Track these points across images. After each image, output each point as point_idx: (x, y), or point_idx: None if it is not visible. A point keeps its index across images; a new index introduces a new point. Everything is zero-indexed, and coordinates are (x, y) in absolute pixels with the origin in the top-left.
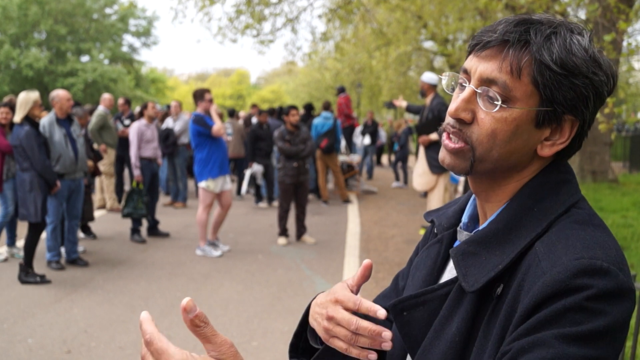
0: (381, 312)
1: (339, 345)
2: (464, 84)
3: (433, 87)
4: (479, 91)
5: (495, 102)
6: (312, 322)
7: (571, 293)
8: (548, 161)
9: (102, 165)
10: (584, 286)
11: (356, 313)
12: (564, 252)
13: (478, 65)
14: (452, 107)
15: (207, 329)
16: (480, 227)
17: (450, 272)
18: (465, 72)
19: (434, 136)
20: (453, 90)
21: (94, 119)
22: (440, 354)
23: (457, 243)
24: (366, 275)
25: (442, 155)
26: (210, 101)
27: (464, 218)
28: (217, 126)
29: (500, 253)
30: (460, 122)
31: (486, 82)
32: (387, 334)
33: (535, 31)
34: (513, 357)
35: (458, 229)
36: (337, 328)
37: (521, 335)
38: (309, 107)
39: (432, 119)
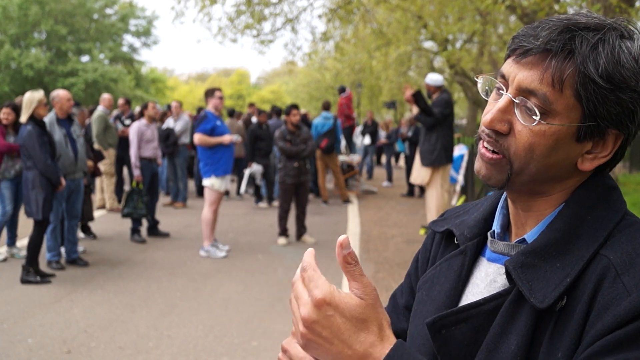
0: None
1: None
2: (501, 91)
3: (438, 87)
4: (516, 101)
5: (534, 117)
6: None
7: None
8: (590, 172)
9: (103, 165)
10: None
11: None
12: None
13: (517, 73)
14: (487, 118)
15: (356, 268)
16: (529, 236)
17: (486, 286)
18: (503, 77)
19: (415, 110)
20: (487, 94)
21: (95, 122)
22: None
23: (488, 253)
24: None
25: (478, 165)
26: (221, 99)
27: (496, 227)
28: (228, 138)
29: (562, 265)
30: (496, 132)
31: (525, 92)
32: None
33: (581, 39)
34: None
35: (490, 238)
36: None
37: (601, 352)
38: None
39: (435, 114)
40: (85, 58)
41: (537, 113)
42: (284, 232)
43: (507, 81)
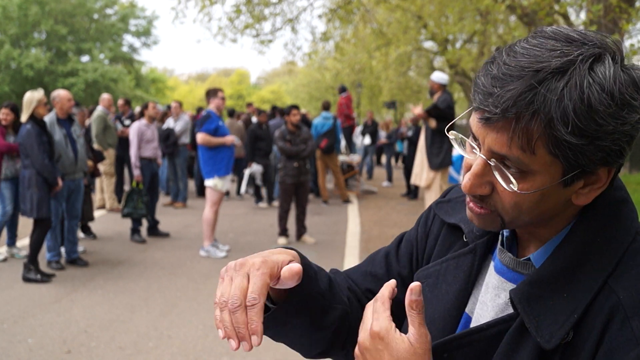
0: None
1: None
2: (474, 150)
3: (442, 86)
4: (491, 164)
5: (511, 184)
6: None
7: None
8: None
9: (103, 165)
10: None
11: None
12: None
13: (486, 135)
14: (465, 184)
15: (419, 317)
16: (535, 258)
17: (492, 298)
18: (475, 137)
19: (433, 124)
20: (463, 146)
21: (94, 122)
22: None
23: (497, 262)
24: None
25: (470, 215)
26: (223, 99)
27: (505, 231)
28: (230, 139)
29: (570, 296)
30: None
31: (497, 156)
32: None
33: (543, 97)
34: None
35: (499, 246)
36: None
37: None
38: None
39: (435, 112)
40: (85, 58)
41: (513, 181)
42: (284, 232)
43: (479, 141)
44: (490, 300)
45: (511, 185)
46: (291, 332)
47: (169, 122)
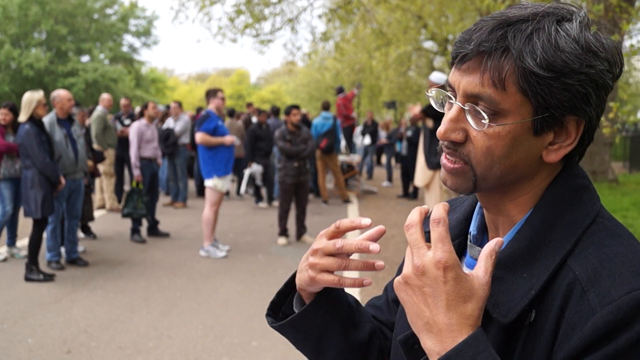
0: (365, 221)
1: (329, 279)
2: (450, 100)
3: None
4: (466, 108)
5: (483, 121)
6: (299, 276)
7: (624, 332)
8: (560, 165)
9: (103, 165)
10: (637, 322)
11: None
12: (611, 283)
13: (461, 80)
14: (440, 129)
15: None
16: (501, 247)
17: None
18: (450, 86)
19: (430, 123)
20: (443, 106)
21: (94, 123)
22: None
23: (468, 258)
24: (374, 237)
25: (444, 176)
26: (223, 99)
27: (472, 229)
28: (229, 139)
29: (529, 276)
30: (453, 142)
31: (472, 97)
32: (375, 246)
33: (513, 34)
34: None
35: (469, 243)
36: (323, 259)
37: None
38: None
39: (431, 112)
40: (85, 58)
41: (485, 117)
42: (284, 232)
43: (455, 90)
44: None
45: (483, 121)
46: (329, 345)
47: (169, 122)
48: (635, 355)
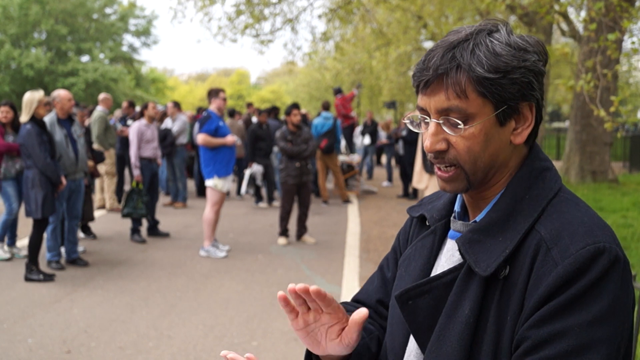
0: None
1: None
2: (426, 120)
3: None
4: (441, 122)
5: (459, 127)
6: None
7: (581, 279)
8: (525, 148)
9: (104, 165)
10: (591, 270)
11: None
12: (570, 240)
13: (430, 101)
14: (426, 144)
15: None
16: (479, 217)
17: (446, 260)
18: (422, 109)
19: None
20: (419, 126)
21: (96, 123)
22: (457, 335)
23: (451, 231)
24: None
25: (441, 184)
26: (224, 100)
27: (457, 207)
28: (231, 139)
29: (503, 239)
30: (438, 152)
31: (443, 112)
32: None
33: (460, 53)
34: (533, 347)
35: (452, 218)
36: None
37: (537, 323)
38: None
39: None
40: (85, 58)
41: (460, 123)
42: (284, 232)
43: (427, 111)
44: (446, 261)
45: (459, 126)
46: None
47: (167, 123)
48: (590, 296)
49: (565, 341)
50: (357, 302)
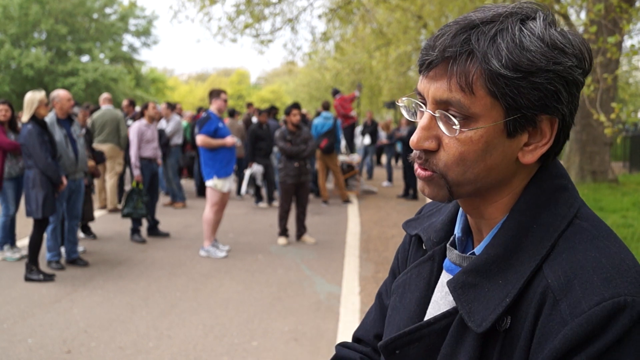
0: None
1: None
2: (421, 108)
3: None
4: (437, 115)
5: (454, 127)
6: None
7: (595, 341)
8: (537, 165)
9: (115, 164)
10: (608, 332)
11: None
12: (582, 293)
13: (429, 87)
14: (413, 138)
15: None
16: (478, 249)
17: (441, 297)
18: (421, 95)
19: None
20: (415, 115)
21: (123, 122)
22: None
23: (446, 261)
24: None
25: (420, 185)
26: (225, 101)
27: (457, 232)
28: (230, 140)
29: (504, 282)
30: (426, 151)
31: (442, 104)
32: None
33: (477, 37)
34: None
35: (448, 246)
36: None
37: None
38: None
39: None
40: (85, 58)
41: (456, 122)
42: (284, 232)
43: (424, 98)
44: (441, 299)
45: (454, 127)
46: None
47: (162, 124)
48: (605, 355)
49: None
50: (357, 340)
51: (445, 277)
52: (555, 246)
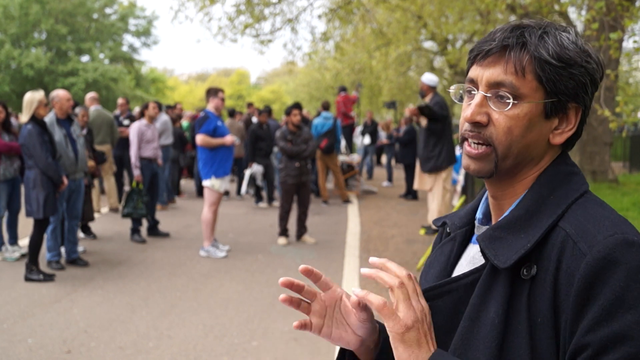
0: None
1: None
2: (472, 92)
3: (432, 88)
4: (489, 95)
5: (507, 101)
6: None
7: (616, 266)
8: (557, 152)
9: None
10: (624, 259)
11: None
12: (596, 232)
13: (484, 73)
14: (467, 113)
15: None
16: (503, 216)
17: (467, 263)
18: (472, 81)
19: (424, 122)
20: (461, 99)
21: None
22: (483, 338)
23: (474, 238)
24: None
25: (466, 162)
26: (222, 100)
27: (479, 214)
28: (229, 139)
29: (525, 235)
30: (477, 125)
31: (494, 85)
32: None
33: (529, 33)
34: (595, 355)
35: (476, 224)
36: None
37: (592, 327)
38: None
39: (427, 112)
40: (85, 58)
41: (510, 97)
42: (284, 232)
43: (476, 83)
44: (467, 266)
45: (507, 100)
46: None
47: None
48: (637, 289)
49: (628, 343)
50: None
51: (472, 248)
52: (569, 209)
